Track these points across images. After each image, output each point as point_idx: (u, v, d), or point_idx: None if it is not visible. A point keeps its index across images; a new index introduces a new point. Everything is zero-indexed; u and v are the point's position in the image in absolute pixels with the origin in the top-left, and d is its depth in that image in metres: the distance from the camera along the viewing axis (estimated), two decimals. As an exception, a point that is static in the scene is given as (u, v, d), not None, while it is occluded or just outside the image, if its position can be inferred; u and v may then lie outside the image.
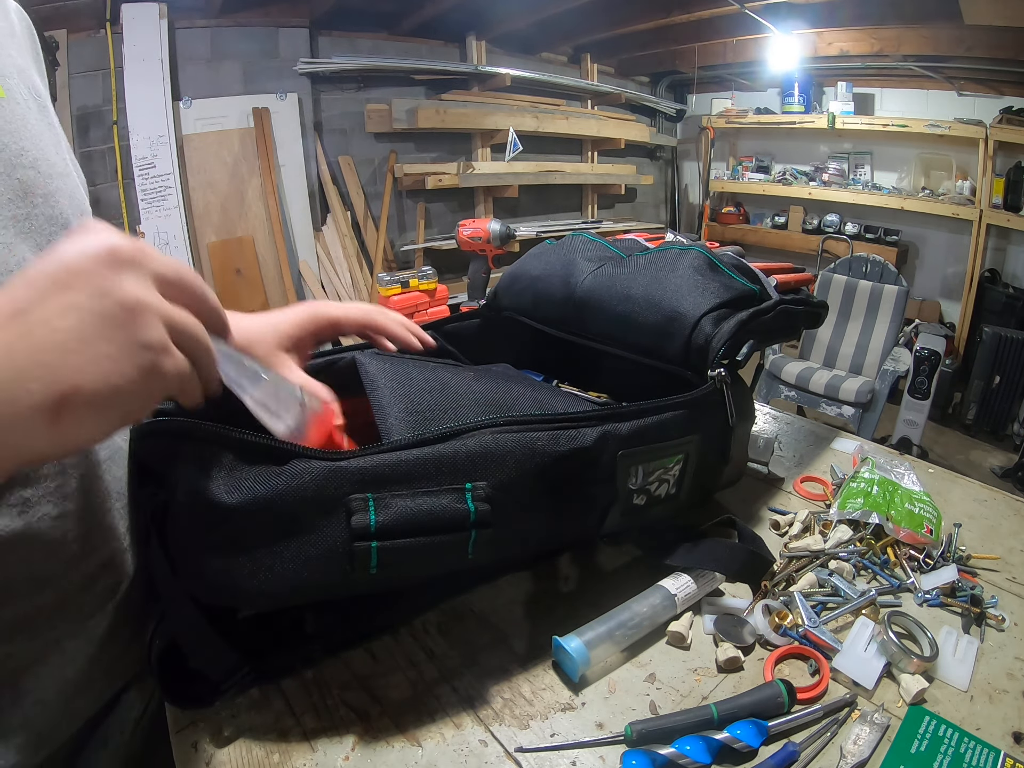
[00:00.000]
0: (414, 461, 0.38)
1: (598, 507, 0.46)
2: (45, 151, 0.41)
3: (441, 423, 0.41)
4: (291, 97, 2.99)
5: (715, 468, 0.55)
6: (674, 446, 0.48)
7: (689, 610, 0.48)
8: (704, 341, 0.52)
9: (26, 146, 0.39)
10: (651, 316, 0.55)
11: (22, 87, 0.41)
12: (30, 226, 0.38)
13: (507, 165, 3.68)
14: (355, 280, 3.30)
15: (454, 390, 0.46)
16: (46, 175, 0.40)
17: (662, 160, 5.13)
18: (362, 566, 0.36)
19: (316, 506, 0.36)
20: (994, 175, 3.32)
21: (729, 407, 0.51)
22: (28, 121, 0.40)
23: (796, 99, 4.19)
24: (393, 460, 0.37)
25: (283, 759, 0.38)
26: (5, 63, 0.41)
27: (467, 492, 0.38)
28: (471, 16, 3.33)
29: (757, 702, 0.40)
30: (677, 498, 0.51)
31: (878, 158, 4.01)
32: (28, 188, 0.39)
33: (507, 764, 0.38)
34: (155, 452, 0.40)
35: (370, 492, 0.36)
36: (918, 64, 3.36)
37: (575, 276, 0.62)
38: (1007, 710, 0.40)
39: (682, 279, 0.56)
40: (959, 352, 3.52)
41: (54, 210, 0.40)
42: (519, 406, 0.45)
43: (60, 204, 0.41)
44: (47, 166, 0.41)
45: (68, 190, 0.43)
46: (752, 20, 3.20)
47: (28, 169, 0.39)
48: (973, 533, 0.58)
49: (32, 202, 0.39)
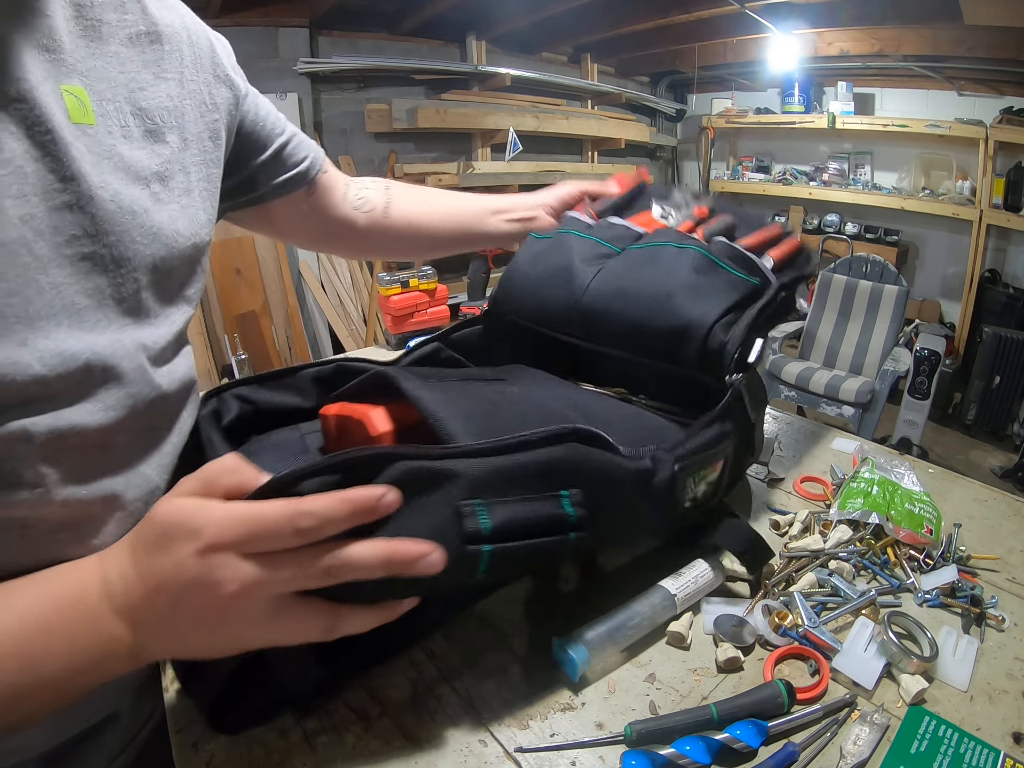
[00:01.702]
0: (513, 466, 0.38)
1: (658, 515, 0.48)
2: (131, 185, 0.39)
3: (503, 431, 0.41)
4: (291, 97, 2.99)
5: (743, 460, 0.57)
6: (717, 453, 0.50)
7: (689, 610, 0.48)
8: (718, 346, 0.53)
9: (107, 179, 0.37)
10: (660, 324, 0.56)
11: (125, 109, 0.40)
12: (92, 266, 0.37)
13: (507, 165, 3.68)
14: (355, 280, 3.30)
15: (500, 400, 0.47)
16: (127, 211, 0.38)
17: (662, 160, 5.13)
18: (472, 569, 0.37)
19: (424, 511, 0.36)
20: (994, 175, 3.32)
21: (747, 405, 0.53)
22: (116, 152, 0.38)
23: (796, 99, 4.19)
24: (495, 465, 0.38)
25: (283, 759, 0.38)
26: (114, 80, 0.39)
27: (564, 498, 0.40)
28: (471, 16, 3.33)
29: (757, 702, 0.40)
30: (716, 496, 0.53)
31: (878, 158, 4.01)
32: (101, 225, 0.37)
33: (507, 764, 0.38)
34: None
35: (478, 497, 0.37)
36: (918, 64, 3.36)
37: (577, 281, 0.62)
38: (1007, 710, 0.40)
39: (686, 284, 0.56)
40: (959, 352, 3.52)
41: (127, 251, 0.39)
42: (569, 416, 0.46)
43: (136, 244, 0.39)
44: (129, 200, 0.39)
45: (152, 228, 0.40)
46: (752, 20, 3.20)
47: (107, 203, 0.37)
48: (973, 533, 0.58)
49: (103, 241, 0.37)
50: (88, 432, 0.37)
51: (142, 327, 0.41)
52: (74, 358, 0.35)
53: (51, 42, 0.35)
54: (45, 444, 0.34)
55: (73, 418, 0.36)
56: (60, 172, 0.34)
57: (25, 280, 0.33)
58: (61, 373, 0.34)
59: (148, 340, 0.41)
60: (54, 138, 0.34)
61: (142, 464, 0.42)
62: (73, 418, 0.36)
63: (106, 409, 0.38)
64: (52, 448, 0.35)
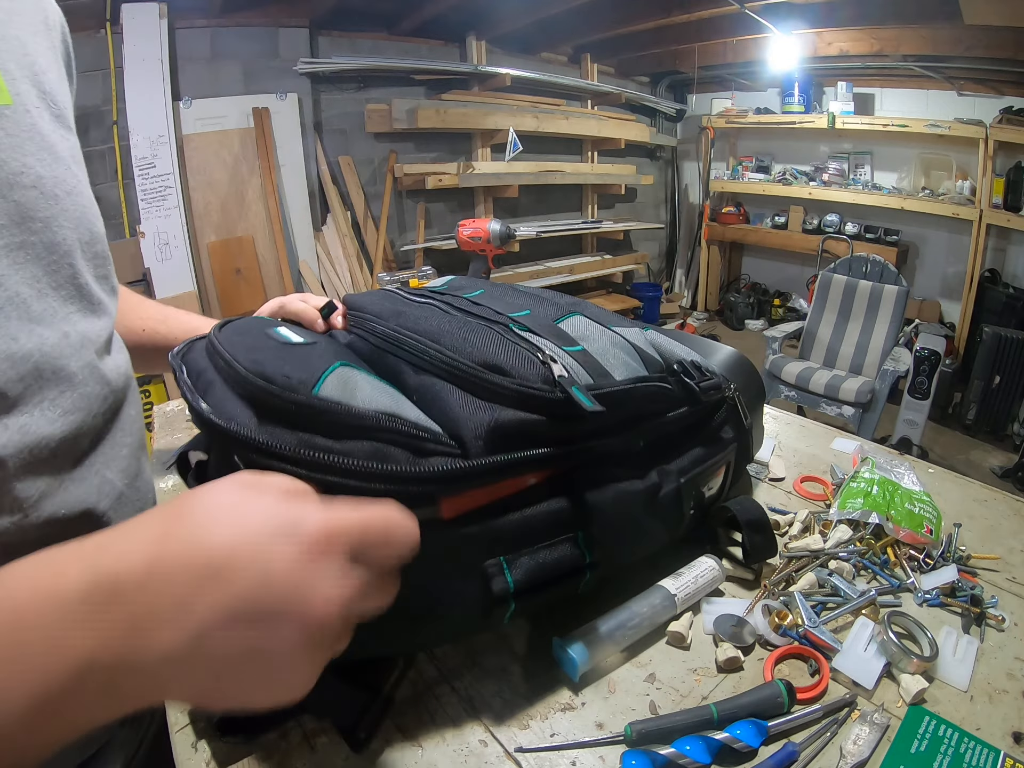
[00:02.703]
0: (530, 518, 0.39)
1: (667, 527, 0.49)
2: (53, 167, 0.38)
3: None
4: (291, 97, 2.99)
5: (743, 460, 0.58)
6: (719, 460, 0.51)
7: (689, 610, 0.48)
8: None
9: (29, 162, 0.36)
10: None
11: (33, 92, 0.38)
12: (26, 256, 0.35)
13: (507, 165, 3.68)
14: (355, 280, 3.30)
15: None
16: (49, 195, 0.37)
17: (662, 160, 5.13)
18: (497, 620, 0.39)
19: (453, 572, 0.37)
20: (994, 175, 3.32)
21: (742, 409, 0.54)
22: (36, 132, 0.37)
23: (796, 99, 4.19)
24: (515, 521, 0.38)
25: (283, 759, 0.38)
26: (21, 62, 0.37)
27: (580, 539, 0.41)
28: (471, 16, 3.33)
29: (757, 702, 0.40)
30: (720, 498, 0.54)
31: (878, 158, 4.01)
32: (26, 212, 0.35)
33: (507, 764, 0.38)
34: None
35: (501, 555, 0.38)
36: (918, 64, 3.36)
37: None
38: (1007, 710, 0.40)
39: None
40: (959, 352, 3.52)
41: (56, 236, 0.37)
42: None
43: (63, 229, 0.38)
44: (52, 184, 0.37)
45: (76, 211, 0.39)
46: (752, 20, 3.20)
47: (29, 189, 0.35)
48: (973, 533, 0.58)
49: (30, 228, 0.35)
50: (55, 442, 0.35)
51: (85, 316, 0.39)
52: (24, 360, 0.34)
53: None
54: (18, 465, 0.33)
55: (38, 430, 0.34)
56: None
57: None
58: (11, 378, 0.33)
59: (92, 332, 0.40)
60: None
61: (105, 469, 0.41)
62: (38, 430, 0.34)
63: (64, 414, 0.36)
64: (25, 468, 0.34)
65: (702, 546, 0.53)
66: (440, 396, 0.39)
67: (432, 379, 0.41)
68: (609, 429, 0.42)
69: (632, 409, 0.44)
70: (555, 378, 0.38)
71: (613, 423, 0.42)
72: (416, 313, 0.48)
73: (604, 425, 0.41)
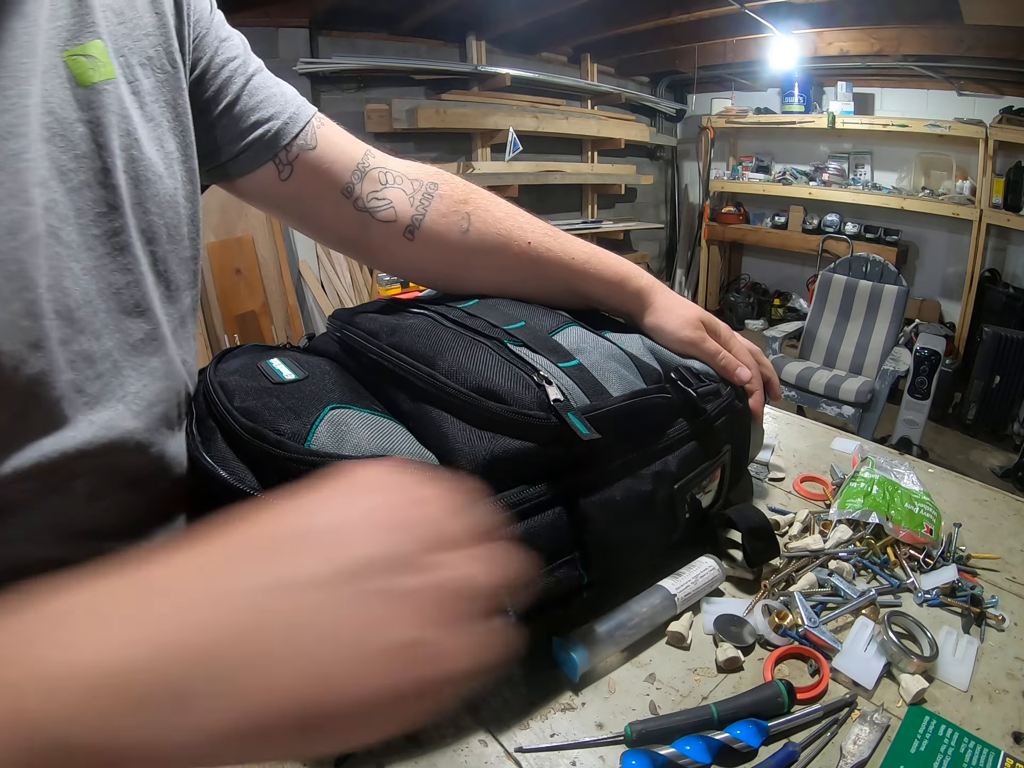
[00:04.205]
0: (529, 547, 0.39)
1: (663, 532, 0.49)
2: (145, 148, 0.36)
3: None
4: (291, 97, 2.99)
5: (742, 460, 0.57)
6: (715, 463, 0.51)
7: (689, 610, 0.48)
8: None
9: (127, 143, 0.34)
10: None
11: (133, 62, 0.35)
12: (118, 243, 0.34)
13: (507, 165, 3.68)
14: (355, 280, 3.30)
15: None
16: (143, 179, 0.36)
17: (662, 160, 5.13)
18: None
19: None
20: (994, 175, 3.32)
21: (741, 412, 0.54)
22: (130, 112, 0.35)
23: (796, 99, 4.19)
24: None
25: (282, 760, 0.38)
26: (135, 34, 0.35)
27: (578, 560, 0.41)
28: (471, 16, 3.33)
29: (757, 702, 0.40)
30: (718, 501, 0.54)
31: (878, 158, 4.01)
32: (122, 198, 0.34)
33: (507, 764, 0.38)
34: None
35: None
36: (918, 64, 3.36)
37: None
38: (1007, 710, 0.40)
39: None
40: (959, 352, 3.52)
41: (141, 223, 0.36)
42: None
43: (150, 215, 0.37)
44: (144, 168, 0.36)
45: (166, 195, 0.38)
46: (752, 20, 3.20)
47: (122, 173, 0.34)
48: (973, 533, 0.58)
49: (122, 214, 0.34)
50: (133, 435, 0.35)
51: (173, 303, 0.40)
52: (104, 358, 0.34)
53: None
54: (97, 466, 0.32)
55: (122, 424, 0.34)
56: (72, 150, 0.32)
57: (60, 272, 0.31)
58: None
59: (175, 316, 0.40)
60: (57, 119, 0.32)
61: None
62: (122, 424, 0.34)
63: (148, 406, 0.36)
64: (107, 471, 0.33)
65: (702, 546, 0.52)
66: (435, 424, 0.40)
67: (427, 407, 0.41)
68: (608, 447, 0.42)
69: (631, 426, 0.44)
70: (550, 403, 0.38)
71: (612, 441, 0.42)
72: (410, 326, 0.47)
73: (603, 444, 0.42)
